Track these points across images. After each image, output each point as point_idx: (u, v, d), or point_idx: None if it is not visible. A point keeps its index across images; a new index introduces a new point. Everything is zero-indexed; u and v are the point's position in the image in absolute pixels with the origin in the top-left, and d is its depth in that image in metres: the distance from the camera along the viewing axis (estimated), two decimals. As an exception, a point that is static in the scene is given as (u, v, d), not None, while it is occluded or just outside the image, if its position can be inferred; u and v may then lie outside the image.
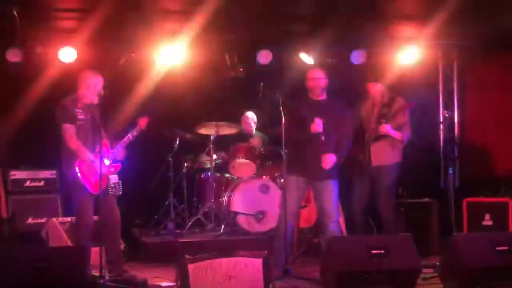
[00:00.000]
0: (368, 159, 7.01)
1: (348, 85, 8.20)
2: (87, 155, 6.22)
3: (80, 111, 6.28)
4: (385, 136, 6.99)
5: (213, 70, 8.81)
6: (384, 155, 7.01)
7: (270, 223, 7.92)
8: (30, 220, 8.03)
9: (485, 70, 9.06)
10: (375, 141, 7.00)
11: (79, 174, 6.17)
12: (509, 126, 8.83)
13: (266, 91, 6.69)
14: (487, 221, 7.68)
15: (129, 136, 6.51)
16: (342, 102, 6.76)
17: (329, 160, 6.45)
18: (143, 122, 6.61)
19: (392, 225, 7.04)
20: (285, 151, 6.52)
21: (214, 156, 8.48)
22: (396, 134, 6.97)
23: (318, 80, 6.59)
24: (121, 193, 6.42)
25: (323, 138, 6.39)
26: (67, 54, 7.96)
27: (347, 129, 6.64)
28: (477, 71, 9.19)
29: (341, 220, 7.34)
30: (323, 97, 6.65)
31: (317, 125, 6.41)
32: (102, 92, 6.26)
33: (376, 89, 7.17)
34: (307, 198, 7.32)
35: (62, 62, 7.98)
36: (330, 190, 6.52)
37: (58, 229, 7.20)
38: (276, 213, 7.08)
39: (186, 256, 5.35)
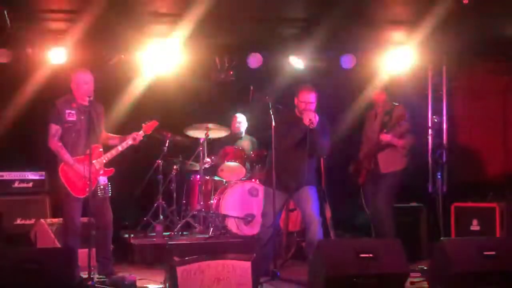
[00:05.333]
0: (375, 167, 7.04)
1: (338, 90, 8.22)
2: (66, 156, 6.16)
3: (72, 112, 6.20)
4: (389, 144, 7.03)
5: (203, 73, 8.80)
6: (391, 162, 7.04)
7: (258, 226, 7.87)
8: (18, 221, 8.00)
9: (473, 76, 9.10)
10: (381, 149, 7.02)
11: (62, 178, 6.15)
12: (497, 132, 8.87)
13: (256, 94, 6.70)
14: (475, 226, 7.71)
15: (128, 142, 6.41)
16: (322, 117, 6.69)
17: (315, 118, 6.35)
18: (149, 127, 6.49)
19: (387, 227, 7.03)
20: (273, 154, 6.51)
21: (204, 159, 8.48)
22: (398, 142, 7.01)
23: (312, 105, 6.51)
24: (110, 194, 6.40)
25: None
26: (57, 55, 7.93)
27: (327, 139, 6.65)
28: (466, 77, 9.23)
29: (328, 216, 7.64)
30: None
31: (313, 117, 6.36)
32: (91, 95, 6.18)
33: (381, 98, 7.24)
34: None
35: (52, 63, 7.95)
36: (308, 195, 6.59)
37: (46, 230, 7.18)
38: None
39: (175, 259, 5.36)
